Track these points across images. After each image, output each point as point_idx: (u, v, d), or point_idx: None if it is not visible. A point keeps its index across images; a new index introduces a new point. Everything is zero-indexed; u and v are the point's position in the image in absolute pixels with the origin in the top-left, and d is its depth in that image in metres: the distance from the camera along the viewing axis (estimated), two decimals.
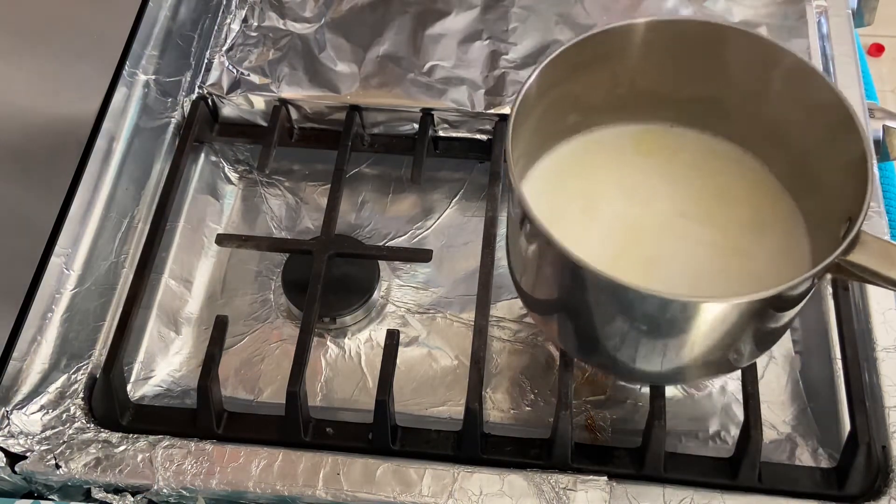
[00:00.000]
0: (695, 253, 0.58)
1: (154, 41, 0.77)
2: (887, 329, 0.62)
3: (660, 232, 0.59)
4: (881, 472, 0.57)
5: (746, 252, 0.59)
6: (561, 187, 0.61)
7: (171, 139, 0.74)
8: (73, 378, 0.62)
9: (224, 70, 0.76)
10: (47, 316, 0.64)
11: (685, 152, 0.63)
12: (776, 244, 0.59)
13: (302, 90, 0.74)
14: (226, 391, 0.62)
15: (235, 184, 0.77)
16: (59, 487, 0.59)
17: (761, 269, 0.58)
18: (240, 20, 0.79)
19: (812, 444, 0.62)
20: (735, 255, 0.58)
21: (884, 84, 1.69)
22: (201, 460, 0.58)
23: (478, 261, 0.65)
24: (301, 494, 0.57)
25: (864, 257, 0.50)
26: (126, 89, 0.74)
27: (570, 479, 0.56)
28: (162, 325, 0.69)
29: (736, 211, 0.60)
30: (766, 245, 0.59)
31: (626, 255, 0.58)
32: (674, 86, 0.61)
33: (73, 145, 0.69)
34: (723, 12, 0.77)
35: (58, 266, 0.65)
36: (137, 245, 0.68)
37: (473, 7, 0.78)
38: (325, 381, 0.66)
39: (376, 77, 0.75)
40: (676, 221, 0.60)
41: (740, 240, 0.59)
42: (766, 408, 0.62)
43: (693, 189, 0.61)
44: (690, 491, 0.56)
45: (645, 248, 0.58)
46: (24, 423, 0.60)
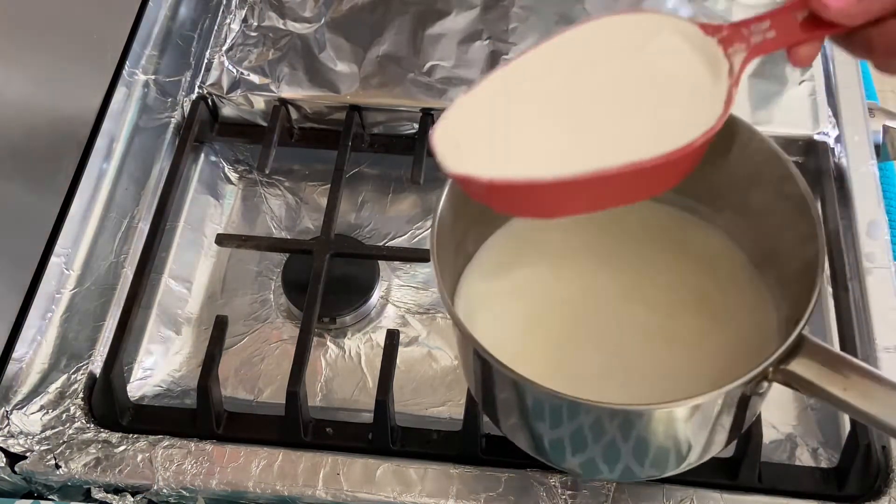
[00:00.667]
0: (651, 349, 0.54)
1: (154, 41, 0.77)
2: (887, 329, 0.62)
3: (609, 324, 0.55)
4: (881, 472, 0.57)
5: (708, 341, 0.54)
6: (500, 283, 0.57)
7: (170, 139, 0.74)
8: (72, 378, 0.62)
9: (224, 70, 0.76)
10: (47, 316, 0.64)
11: (637, 223, 0.58)
12: (742, 330, 0.54)
13: (302, 90, 0.74)
14: (226, 391, 0.62)
15: (235, 184, 0.77)
16: (58, 487, 0.59)
17: (723, 362, 0.53)
18: (240, 20, 0.79)
19: (812, 445, 0.62)
20: (695, 348, 0.54)
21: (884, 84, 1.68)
22: (201, 460, 0.58)
23: None
24: (301, 494, 0.57)
25: (801, 367, 0.46)
26: (126, 89, 0.74)
27: (570, 478, 0.56)
28: (162, 325, 0.69)
29: (695, 291, 0.56)
30: (729, 331, 0.54)
31: (570, 358, 0.54)
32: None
33: (73, 145, 0.69)
34: (723, 13, 0.77)
35: (58, 266, 0.65)
36: (137, 245, 0.68)
37: (473, 7, 0.78)
38: (325, 381, 0.66)
39: (376, 77, 0.74)
40: (627, 309, 0.55)
41: (701, 328, 0.54)
42: (767, 408, 0.62)
43: (645, 268, 0.57)
44: (690, 491, 0.56)
45: (589, 347, 0.54)
46: (24, 423, 0.60)
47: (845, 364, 0.46)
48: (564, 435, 0.49)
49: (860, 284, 0.64)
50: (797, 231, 0.50)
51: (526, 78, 0.47)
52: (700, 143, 0.44)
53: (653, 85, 0.46)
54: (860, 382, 0.45)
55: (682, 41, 0.46)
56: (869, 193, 0.69)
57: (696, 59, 0.46)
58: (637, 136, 0.45)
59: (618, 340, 0.54)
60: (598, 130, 0.45)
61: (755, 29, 0.45)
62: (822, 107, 0.72)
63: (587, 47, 0.47)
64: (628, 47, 0.47)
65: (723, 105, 0.45)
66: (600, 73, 0.46)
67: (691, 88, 0.45)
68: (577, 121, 0.46)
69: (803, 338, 0.46)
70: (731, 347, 0.53)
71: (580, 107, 0.46)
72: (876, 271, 0.65)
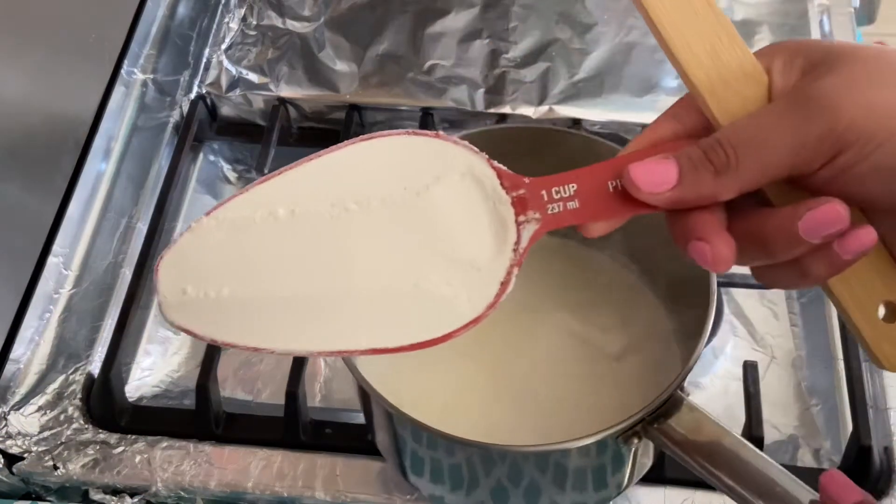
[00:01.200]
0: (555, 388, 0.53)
1: (152, 40, 0.77)
2: None
3: (506, 368, 0.54)
4: (883, 473, 0.57)
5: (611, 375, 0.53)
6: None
7: (169, 138, 0.74)
8: (70, 379, 0.62)
9: (223, 69, 0.76)
10: (45, 316, 0.64)
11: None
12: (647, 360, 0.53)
13: (301, 89, 0.74)
14: (224, 392, 0.62)
15: (234, 183, 0.77)
16: (56, 489, 0.59)
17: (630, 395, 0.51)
18: (238, 19, 0.79)
19: (814, 446, 0.61)
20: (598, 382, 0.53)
21: None
22: (200, 461, 0.58)
23: None
24: (300, 495, 0.57)
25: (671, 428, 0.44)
26: (124, 88, 0.74)
27: None
28: (160, 325, 0.68)
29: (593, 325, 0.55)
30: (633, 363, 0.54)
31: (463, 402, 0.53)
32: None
33: (72, 145, 0.69)
34: (724, 11, 0.77)
35: (56, 266, 0.65)
36: (136, 245, 0.68)
37: (474, 6, 0.78)
38: (324, 381, 0.66)
39: (376, 76, 0.74)
40: (524, 351, 0.54)
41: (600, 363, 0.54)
42: (768, 408, 0.61)
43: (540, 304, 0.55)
44: (691, 491, 0.56)
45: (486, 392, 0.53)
46: (22, 423, 0.60)
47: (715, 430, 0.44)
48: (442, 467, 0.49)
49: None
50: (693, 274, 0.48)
51: (282, 204, 0.38)
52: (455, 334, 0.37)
53: (422, 244, 0.38)
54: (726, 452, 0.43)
55: (473, 189, 0.38)
56: None
57: (483, 218, 0.38)
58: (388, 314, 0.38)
59: (517, 382, 0.53)
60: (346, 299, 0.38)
61: (556, 195, 0.37)
62: None
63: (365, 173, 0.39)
64: (411, 184, 0.38)
65: (497, 288, 0.37)
66: (367, 217, 0.38)
67: (465, 258, 0.38)
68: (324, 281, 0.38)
69: (678, 397, 0.44)
70: (637, 379, 0.53)
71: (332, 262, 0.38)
72: None
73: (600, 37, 0.76)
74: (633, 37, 0.76)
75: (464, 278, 0.37)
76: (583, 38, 0.76)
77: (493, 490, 0.49)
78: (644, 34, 0.76)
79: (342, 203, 0.38)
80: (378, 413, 0.50)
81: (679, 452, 0.44)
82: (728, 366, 0.63)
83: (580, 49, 0.76)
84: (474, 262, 0.38)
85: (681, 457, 0.44)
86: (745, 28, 0.76)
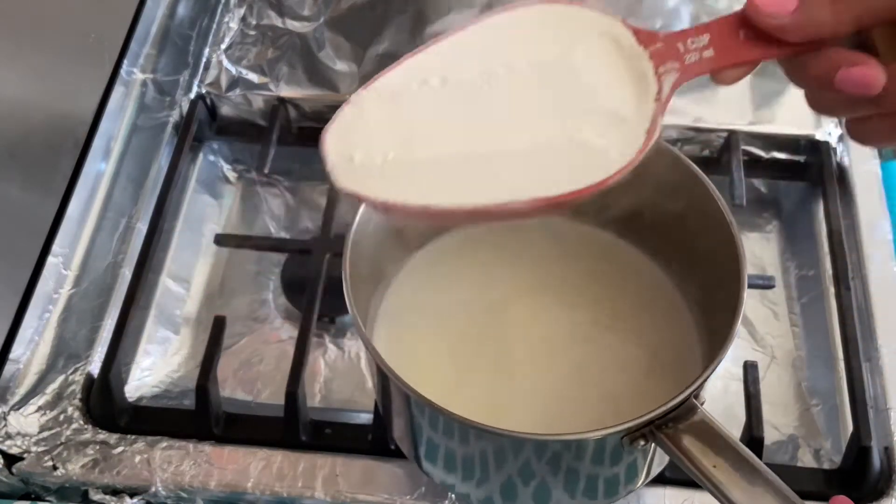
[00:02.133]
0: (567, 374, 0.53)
1: (152, 40, 0.77)
2: (889, 328, 0.62)
3: (524, 351, 0.54)
4: (883, 473, 0.57)
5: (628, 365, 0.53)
6: (417, 305, 0.56)
7: (169, 138, 0.74)
8: (70, 379, 0.62)
9: (222, 69, 0.75)
10: (44, 316, 0.64)
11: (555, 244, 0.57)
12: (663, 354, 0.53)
13: (301, 89, 0.74)
14: (224, 392, 0.62)
15: (234, 183, 0.77)
16: (56, 489, 0.59)
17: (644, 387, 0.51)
18: (238, 18, 0.79)
19: (814, 446, 0.61)
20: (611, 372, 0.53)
21: None
22: (200, 461, 0.58)
23: None
24: (300, 496, 0.57)
25: (680, 434, 0.43)
26: (124, 88, 0.74)
27: None
28: (160, 325, 0.68)
29: (612, 313, 0.55)
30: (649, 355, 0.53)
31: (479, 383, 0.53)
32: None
33: (71, 144, 0.69)
34: (724, 11, 0.77)
35: (55, 266, 0.65)
36: (135, 245, 0.68)
37: (473, 6, 0.78)
38: (324, 381, 0.66)
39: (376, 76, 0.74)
40: (543, 334, 0.54)
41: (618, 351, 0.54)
42: (769, 408, 0.61)
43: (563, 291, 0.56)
44: (691, 491, 0.56)
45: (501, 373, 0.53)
46: (22, 424, 0.60)
47: (724, 443, 0.43)
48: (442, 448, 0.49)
49: (862, 284, 0.64)
50: (723, 261, 0.48)
51: (434, 74, 0.42)
52: (610, 181, 0.39)
53: (571, 101, 0.41)
54: (732, 467, 0.43)
55: (612, 49, 0.41)
56: (871, 193, 0.68)
57: (624, 74, 0.41)
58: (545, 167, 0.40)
59: (532, 366, 0.53)
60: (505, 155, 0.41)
61: (692, 45, 0.40)
62: None
63: (509, 41, 0.42)
64: (553, 48, 0.41)
65: (644, 135, 0.40)
66: (516, 80, 0.41)
67: (611, 110, 0.40)
68: (483, 140, 0.41)
69: (692, 404, 0.44)
70: (652, 372, 0.52)
71: (488, 122, 0.41)
72: (878, 271, 0.65)
73: None
74: None
75: (613, 130, 0.40)
76: None
77: (503, 481, 0.48)
78: None
79: (492, 69, 0.41)
80: (396, 396, 0.49)
81: (685, 461, 0.43)
82: (728, 366, 0.63)
83: None
84: (620, 113, 0.40)
85: (686, 466, 0.43)
86: None
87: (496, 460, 0.47)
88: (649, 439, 0.44)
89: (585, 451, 0.46)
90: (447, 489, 0.54)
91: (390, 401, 0.50)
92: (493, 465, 0.48)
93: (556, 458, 0.46)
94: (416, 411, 0.48)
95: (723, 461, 0.43)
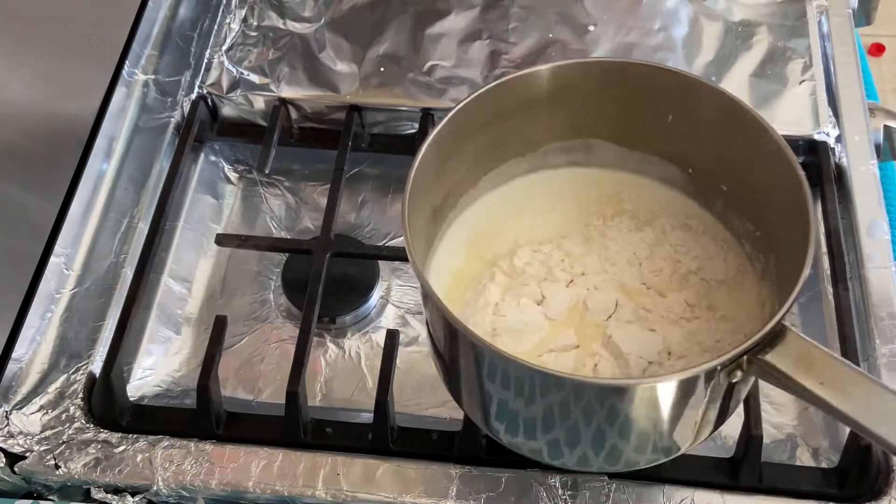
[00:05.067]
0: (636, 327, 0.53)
1: (153, 41, 0.77)
2: (888, 329, 0.62)
3: (591, 303, 0.55)
4: (881, 472, 0.57)
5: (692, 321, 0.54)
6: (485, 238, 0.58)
7: (170, 139, 0.74)
8: (72, 378, 0.62)
9: (224, 70, 0.76)
10: (47, 316, 0.64)
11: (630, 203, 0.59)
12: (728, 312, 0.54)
13: (302, 90, 0.74)
14: (225, 391, 0.62)
15: (235, 183, 0.77)
16: (58, 488, 0.59)
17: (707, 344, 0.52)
18: (239, 20, 0.79)
19: (813, 445, 0.62)
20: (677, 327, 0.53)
21: (884, 84, 1.69)
22: (201, 461, 0.58)
23: None
24: (301, 495, 0.57)
25: (777, 358, 0.44)
26: (125, 89, 0.74)
27: (570, 478, 0.56)
28: (161, 325, 0.68)
29: (680, 271, 0.56)
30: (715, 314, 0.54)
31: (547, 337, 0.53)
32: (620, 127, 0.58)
33: (73, 145, 0.69)
34: (723, 12, 0.77)
35: (57, 266, 0.65)
36: (137, 245, 0.68)
37: (473, 7, 0.78)
38: (324, 381, 0.66)
39: (376, 77, 0.74)
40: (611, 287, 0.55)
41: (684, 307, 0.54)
42: (767, 408, 0.62)
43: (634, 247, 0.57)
44: (691, 491, 0.56)
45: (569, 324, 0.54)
46: (24, 423, 0.60)
47: (824, 358, 0.44)
48: (536, 413, 0.48)
49: (860, 284, 0.64)
50: (793, 224, 0.49)
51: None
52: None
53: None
54: (839, 378, 0.43)
55: None
56: (869, 193, 0.69)
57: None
58: None
59: (602, 319, 0.54)
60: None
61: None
62: (822, 106, 0.72)
63: None
64: None
65: None
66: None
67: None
68: None
69: (783, 328, 0.44)
70: (714, 330, 0.53)
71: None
72: (876, 271, 0.65)
73: (600, 37, 0.77)
74: (632, 37, 0.77)
75: None
76: (583, 38, 0.77)
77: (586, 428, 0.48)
78: (644, 34, 0.77)
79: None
80: (464, 352, 0.49)
81: (789, 383, 0.43)
82: None
83: (580, 49, 0.76)
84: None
85: (792, 388, 0.43)
86: (745, 29, 0.76)
87: (585, 411, 0.47)
88: (747, 369, 0.44)
89: (687, 389, 0.45)
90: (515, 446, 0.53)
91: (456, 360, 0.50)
92: (582, 417, 0.47)
93: (652, 402, 0.46)
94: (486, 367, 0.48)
95: (829, 377, 0.43)
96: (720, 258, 0.57)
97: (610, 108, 0.57)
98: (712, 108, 0.54)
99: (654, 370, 0.51)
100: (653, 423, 0.48)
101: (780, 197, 0.51)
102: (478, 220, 0.59)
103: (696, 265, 0.56)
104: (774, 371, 0.44)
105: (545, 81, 0.55)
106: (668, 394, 0.46)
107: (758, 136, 0.52)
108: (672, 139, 0.57)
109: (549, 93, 0.55)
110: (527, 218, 0.59)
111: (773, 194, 0.52)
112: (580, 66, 0.56)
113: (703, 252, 0.57)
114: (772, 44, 0.75)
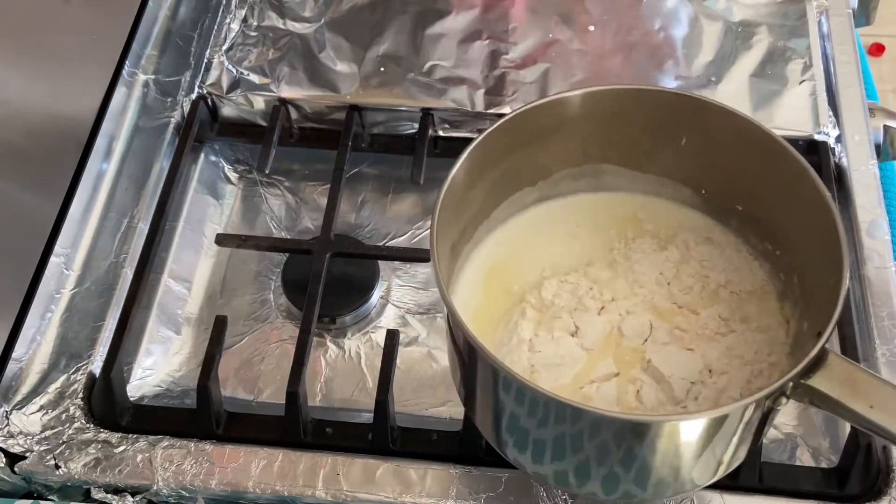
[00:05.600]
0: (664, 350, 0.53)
1: (154, 41, 0.77)
2: (888, 329, 0.62)
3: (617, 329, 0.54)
4: (881, 472, 0.57)
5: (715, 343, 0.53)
6: (506, 271, 0.57)
7: (170, 139, 0.74)
8: (72, 378, 0.62)
9: (224, 70, 0.76)
10: (47, 316, 0.64)
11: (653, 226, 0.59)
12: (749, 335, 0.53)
13: (302, 90, 0.74)
14: (225, 391, 0.62)
15: (235, 184, 0.77)
16: (58, 488, 0.59)
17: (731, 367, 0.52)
18: (239, 20, 0.79)
19: (813, 445, 0.62)
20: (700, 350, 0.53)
21: (884, 84, 1.69)
22: (201, 461, 0.58)
23: None
24: (301, 495, 0.57)
25: (823, 383, 0.43)
26: (126, 89, 0.74)
27: None
28: (161, 325, 0.68)
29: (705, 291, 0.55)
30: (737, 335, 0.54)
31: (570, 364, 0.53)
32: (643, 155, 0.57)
33: (73, 145, 0.69)
34: (723, 12, 0.77)
35: (57, 266, 0.65)
36: (137, 245, 0.68)
37: (473, 7, 0.78)
38: (324, 381, 0.66)
39: (376, 77, 0.74)
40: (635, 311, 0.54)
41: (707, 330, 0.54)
42: None
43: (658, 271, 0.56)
44: (691, 491, 0.56)
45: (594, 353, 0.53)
46: (24, 423, 0.60)
47: (869, 380, 0.44)
48: (560, 441, 0.48)
49: (860, 284, 0.64)
50: (817, 246, 0.49)
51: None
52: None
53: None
54: (888, 400, 0.43)
55: None
56: (869, 193, 0.69)
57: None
58: None
59: (638, 343, 0.53)
60: None
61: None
62: (822, 106, 0.72)
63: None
64: None
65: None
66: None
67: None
68: None
69: (825, 352, 0.44)
70: (752, 342, 0.53)
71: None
72: (876, 271, 0.65)
73: (600, 37, 0.77)
74: (633, 37, 0.77)
75: None
76: (583, 38, 0.77)
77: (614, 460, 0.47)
78: (644, 34, 0.77)
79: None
80: (483, 373, 0.48)
81: (835, 407, 0.43)
82: None
83: (580, 49, 0.76)
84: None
85: (836, 410, 0.43)
86: (745, 29, 0.76)
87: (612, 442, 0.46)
88: (791, 396, 0.44)
89: (729, 422, 0.45)
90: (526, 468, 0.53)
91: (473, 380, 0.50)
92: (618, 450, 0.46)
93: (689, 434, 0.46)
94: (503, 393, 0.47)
95: (878, 399, 0.43)
96: (746, 269, 0.56)
97: (621, 133, 0.56)
98: (728, 130, 0.53)
99: (697, 390, 0.51)
100: (679, 456, 0.48)
101: (802, 218, 0.50)
102: (496, 253, 0.58)
103: (724, 278, 0.56)
104: (820, 396, 0.44)
105: (560, 110, 0.55)
106: (719, 424, 0.46)
107: (777, 158, 0.51)
108: (684, 161, 0.56)
109: (563, 121, 0.55)
110: (547, 248, 0.58)
111: (794, 215, 0.51)
112: (596, 95, 0.55)
113: (729, 265, 0.56)
114: (772, 44, 0.75)
